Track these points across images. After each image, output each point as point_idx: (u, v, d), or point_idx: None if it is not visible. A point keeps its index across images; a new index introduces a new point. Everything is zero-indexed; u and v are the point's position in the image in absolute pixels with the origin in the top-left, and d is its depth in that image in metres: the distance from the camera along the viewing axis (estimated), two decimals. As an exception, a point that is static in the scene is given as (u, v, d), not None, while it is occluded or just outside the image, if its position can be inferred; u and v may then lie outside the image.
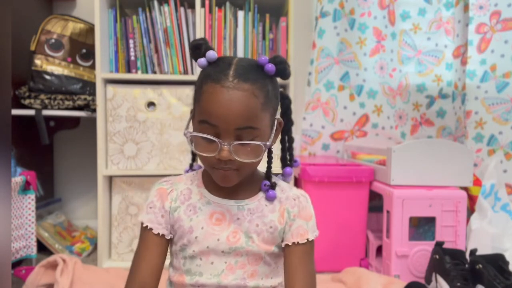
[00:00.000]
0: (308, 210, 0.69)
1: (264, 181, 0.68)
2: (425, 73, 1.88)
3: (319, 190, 1.42)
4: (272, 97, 0.63)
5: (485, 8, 1.75)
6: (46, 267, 1.20)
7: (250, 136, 0.60)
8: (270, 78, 0.63)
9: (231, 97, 0.58)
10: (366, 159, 1.63)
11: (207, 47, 0.63)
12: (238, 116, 0.58)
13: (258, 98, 0.59)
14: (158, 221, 0.67)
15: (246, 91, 0.58)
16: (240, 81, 0.58)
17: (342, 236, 1.45)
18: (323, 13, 1.79)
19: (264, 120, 0.61)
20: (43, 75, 1.48)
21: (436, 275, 1.21)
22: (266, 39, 1.58)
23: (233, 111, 0.58)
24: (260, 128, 0.60)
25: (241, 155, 0.60)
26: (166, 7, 1.48)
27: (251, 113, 0.58)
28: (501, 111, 1.74)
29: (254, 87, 0.59)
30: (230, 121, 0.58)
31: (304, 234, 0.66)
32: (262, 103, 0.60)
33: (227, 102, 0.58)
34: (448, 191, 1.34)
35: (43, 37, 1.49)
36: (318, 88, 1.83)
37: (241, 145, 0.60)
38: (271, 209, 0.67)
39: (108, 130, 1.45)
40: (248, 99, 0.58)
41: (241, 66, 0.61)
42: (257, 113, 0.59)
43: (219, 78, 0.59)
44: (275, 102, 0.65)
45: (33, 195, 1.22)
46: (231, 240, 0.65)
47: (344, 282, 1.28)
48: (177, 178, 0.72)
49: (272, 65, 0.62)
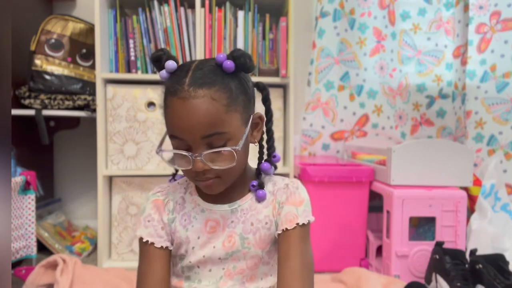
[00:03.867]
0: (297, 196, 0.66)
1: (253, 181, 0.66)
2: (425, 73, 1.88)
3: (319, 190, 1.42)
4: (238, 95, 0.60)
5: (485, 8, 1.75)
6: (46, 267, 1.20)
7: (220, 141, 0.58)
8: (232, 75, 0.60)
9: (189, 108, 0.56)
10: (366, 159, 1.63)
11: (167, 57, 0.61)
12: (200, 125, 0.56)
13: (219, 101, 0.57)
14: (159, 234, 0.65)
15: (203, 97, 0.56)
16: (195, 89, 0.56)
17: (342, 236, 1.45)
18: (323, 13, 1.79)
19: (232, 121, 0.59)
20: (43, 75, 1.48)
21: (436, 275, 1.21)
22: (266, 39, 1.57)
23: (193, 121, 0.56)
24: (228, 131, 0.58)
25: (216, 163, 0.58)
26: (166, 7, 1.48)
27: (213, 118, 0.56)
28: (501, 111, 1.74)
29: (211, 91, 0.56)
30: (194, 132, 0.56)
31: (293, 219, 0.63)
32: (225, 104, 0.57)
33: (186, 113, 0.56)
34: (448, 191, 1.34)
35: (43, 37, 1.49)
36: (318, 88, 1.83)
37: (212, 154, 0.58)
38: (264, 204, 0.66)
39: (108, 130, 1.45)
40: (207, 105, 0.56)
41: (198, 71, 0.58)
42: (221, 116, 0.57)
43: (175, 89, 0.57)
44: (244, 98, 0.61)
45: (33, 195, 1.22)
46: (226, 245, 0.64)
47: (344, 282, 1.28)
48: (171, 187, 0.70)
49: (230, 62, 0.59)
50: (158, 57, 0.61)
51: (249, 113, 0.63)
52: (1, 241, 0.33)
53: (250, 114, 0.63)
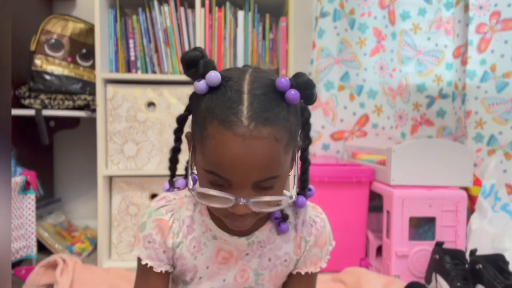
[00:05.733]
0: (324, 236, 0.61)
1: (275, 213, 0.57)
2: (425, 73, 1.88)
3: (319, 190, 1.40)
4: (296, 131, 0.51)
5: (485, 8, 1.75)
6: (46, 267, 1.20)
7: (269, 183, 0.49)
8: (293, 106, 0.49)
9: (248, 150, 0.45)
10: (366, 159, 1.63)
11: (206, 63, 0.49)
12: (257, 170, 0.46)
13: (281, 142, 0.47)
14: (159, 258, 0.57)
15: (267, 138, 0.45)
16: (258, 126, 0.45)
17: (342, 236, 1.45)
18: (323, 13, 1.79)
19: (287, 162, 0.50)
20: (43, 75, 1.48)
21: (436, 275, 1.21)
22: (266, 39, 1.57)
23: (251, 165, 0.46)
24: (282, 174, 0.49)
25: (260, 207, 0.49)
26: (166, 7, 1.48)
27: (273, 162, 0.47)
28: (501, 111, 1.74)
29: (275, 130, 0.46)
30: (248, 176, 0.46)
31: (317, 262, 0.61)
32: (285, 145, 0.47)
33: (243, 156, 0.45)
34: (448, 191, 1.34)
35: (43, 37, 1.49)
36: (318, 88, 1.83)
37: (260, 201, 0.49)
38: (285, 239, 0.59)
39: (108, 130, 1.45)
40: (270, 148, 0.46)
41: (256, 97, 0.47)
42: (280, 159, 0.48)
43: (229, 121, 0.45)
44: (298, 133, 0.52)
45: (33, 195, 1.22)
46: (238, 281, 0.58)
47: (344, 282, 1.28)
48: (177, 203, 0.59)
49: (295, 92, 0.48)
50: (195, 61, 0.50)
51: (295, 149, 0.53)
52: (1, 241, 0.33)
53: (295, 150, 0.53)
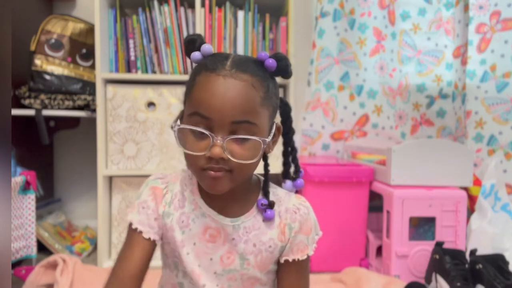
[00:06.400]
0: (309, 223, 0.63)
1: (261, 199, 0.62)
2: (425, 73, 1.88)
3: (319, 190, 1.42)
4: (272, 95, 0.58)
5: (485, 8, 1.75)
6: (46, 267, 1.20)
7: (247, 132, 0.53)
8: (270, 75, 0.58)
9: (228, 86, 0.52)
10: (366, 159, 1.63)
11: (202, 41, 0.59)
12: (235, 107, 0.52)
13: (258, 91, 0.54)
14: (150, 224, 0.60)
15: (245, 81, 0.53)
16: (238, 71, 0.53)
17: (342, 236, 1.45)
18: (323, 13, 1.79)
19: (263, 117, 0.56)
20: (43, 75, 1.48)
21: (436, 275, 1.21)
22: (266, 39, 1.57)
23: (229, 101, 0.52)
24: (258, 125, 0.55)
25: (236, 154, 0.53)
26: (166, 7, 1.48)
27: (249, 105, 0.53)
28: (501, 111, 1.74)
29: (253, 79, 0.54)
30: (226, 112, 0.52)
31: (304, 249, 0.62)
32: (262, 97, 0.55)
33: (223, 90, 0.52)
34: (448, 191, 1.34)
35: (43, 37, 1.49)
36: (318, 88, 1.83)
37: (237, 141, 0.53)
38: (269, 225, 0.61)
39: (108, 130, 1.45)
40: (247, 90, 0.53)
41: (239, 58, 0.56)
42: (256, 107, 0.54)
43: (214, 66, 0.54)
44: (275, 101, 0.59)
45: (33, 195, 1.22)
46: (224, 262, 0.60)
47: (344, 282, 1.28)
48: (173, 177, 0.65)
49: (273, 60, 0.57)
50: (193, 40, 0.59)
51: (273, 119, 0.60)
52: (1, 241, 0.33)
53: (273, 121, 0.61)
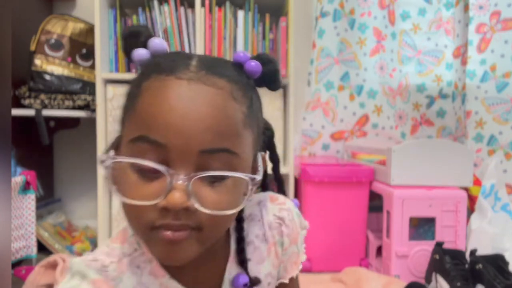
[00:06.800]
0: (295, 227, 0.50)
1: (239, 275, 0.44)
2: (425, 73, 1.88)
3: (319, 190, 1.42)
4: (257, 111, 0.40)
5: (485, 8, 1.75)
6: (46, 267, 1.20)
7: (224, 166, 0.35)
8: (253, 84, 0.41)
9: (195, 94, 0.34)
10: (366, 159, 1.63)
11: (150, 34, 0.41)
12: (207, 128, 0.33)
13: (240, 105, 0.36)
14: None
15: (221, 89, 0.35)
16: (210, 73, 0.36)
17: (342, 236, 1.45)
18: (323, 13, 1.79)
19: (246, 144, 0.37)
20: (43, 75, 1.48)
21: (436, 275, 1.21)
22: (266, 39, 1.57)
23: (198, 118, 0.33)
24: (240, 155, 0.36)
25: (207, 201, 0.34)
26: (166, 7, 1.48)
27: (229, 125, 0.35)
28: (501, 111, 1.74)
29: (233, 86, 0.36)
30: (192, 136, 0.33)
31: (297, 260, 0.51)
32: (245, 113, 0.37)
33: (187, 101, 0.34)
34: (448, 191, 1.34)
35: (43, 37, 1.49)
36: (318, 88, 1.83)
37: (209, 182, 0.34)
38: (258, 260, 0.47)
39: (108, 130, 1.45)
40: (225, 101, 0.35)
41: (210, 58, 0.40)
42: (238, 128, 0.36)
43: (172, 67, 0.36)
44: (261, 121, 0.42)
45: (33, 195, 1.22)
46: None
47: (344, 282, 1.28)
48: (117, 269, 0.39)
49: (256, 63, 0.40)
50: (136, 32, 0.41)
51: (257, 148, 0.41)
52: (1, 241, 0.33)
53: (257, 150, 0.41)
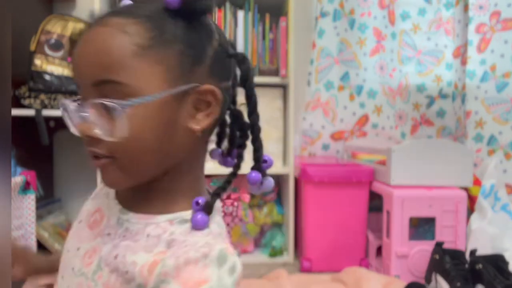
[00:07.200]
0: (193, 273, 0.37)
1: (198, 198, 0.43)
2: (425, 73, 1.88)
3: (319, 190, 1.42)
4: (174, 42, 0.40)
5: (485, 8, 1.75)
6: (46, 267, 1.20)
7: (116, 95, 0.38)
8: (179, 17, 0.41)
9: (90, 36, 0.39)
10: (366, 159, 1.63)
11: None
12: (92, 63, 0.39)
13: (132, 37, 0.38)
14: None
15: (111, 27, 0.39)
16: (108, 16, 0.40)
17: (342, 236, 1.45)
18: (323, 13, 1.79)
19: (144, 73, 0.39)
20: (43, 75, 1.48)
21: (436, 275, 1.21)
22: (266, 39, 1.57)
23: (86, 55, 0.39)
24: (129, 84, 0.38)
25: (108, 129, 0.39)
26: (166, 7, 1.48)
27: (110, 58, 0.38)
28: (501, 111, 1.74)
29: (127, 22, 0.39)
30: (83, 71, 0.40)
31: None
32: (140, 45, 0.39)
33: (83, 43, 0.40)
34: (448, 191, 1.34)
35: (43, 37, 1.49)
36: (318, 88, 1.83)
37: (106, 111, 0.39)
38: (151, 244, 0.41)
39: (108, 130, 1.44)
40: (110, 37, 0.38)
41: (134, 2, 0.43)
42: (124, 59, 0.38)
43: (95, 16, 0.42)
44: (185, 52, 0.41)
45: (33, 195, 1.22)
46: (85, 260, 0.44)
47: (344, 282, 1.28)
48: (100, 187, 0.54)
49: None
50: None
51: (186, 77, 0.41)
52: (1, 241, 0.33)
53: (189, 80, 0.41)
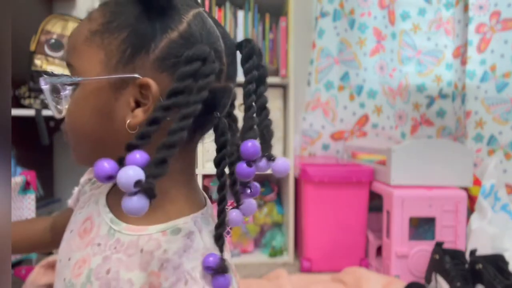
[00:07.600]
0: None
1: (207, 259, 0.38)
2: (425, 73, 1.88)
3: (319, 190, 1.42)
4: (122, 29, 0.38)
5: (485, 8, 1.75)
6: (46, 267, 1.20)
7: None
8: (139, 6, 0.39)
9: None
10: (366, 159, 1.63)
11: None
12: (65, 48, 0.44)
13: (90, 24, 0.40)
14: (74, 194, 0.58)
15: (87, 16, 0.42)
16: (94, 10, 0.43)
17: (342, 236, 1.45)
18: (323, 13, 1.79)
19: (90, 58, 0.39)
20: (43, 75, 1.48)
21: (436, 275, 1.21)
22: (266, 39, 1.57)
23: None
24: (77, 67, 0.40)
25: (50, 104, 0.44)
26: (166, 7, 1.48)
27: (70, 41, 0.41)
28: (501, 111, 1.74)
29: (97, 9, 0.42)
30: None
31: None
32: (91, 31, 0.39)
33: None
34: (448, 191, 1.34)
35: (43, 37, 1.49)
36: (318, 88, 1.83)
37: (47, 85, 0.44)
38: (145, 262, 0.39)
39: (108, 130, 1.44)
40: (80, 25, 0.42)
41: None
42: (77, 44, 0.40)
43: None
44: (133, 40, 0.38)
45: (33, 195, 1.22)
46: (75, 271, 0.42)
47: (344, 282, 1.28)
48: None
49: None
50: None
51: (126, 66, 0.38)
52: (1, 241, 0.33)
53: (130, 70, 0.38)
